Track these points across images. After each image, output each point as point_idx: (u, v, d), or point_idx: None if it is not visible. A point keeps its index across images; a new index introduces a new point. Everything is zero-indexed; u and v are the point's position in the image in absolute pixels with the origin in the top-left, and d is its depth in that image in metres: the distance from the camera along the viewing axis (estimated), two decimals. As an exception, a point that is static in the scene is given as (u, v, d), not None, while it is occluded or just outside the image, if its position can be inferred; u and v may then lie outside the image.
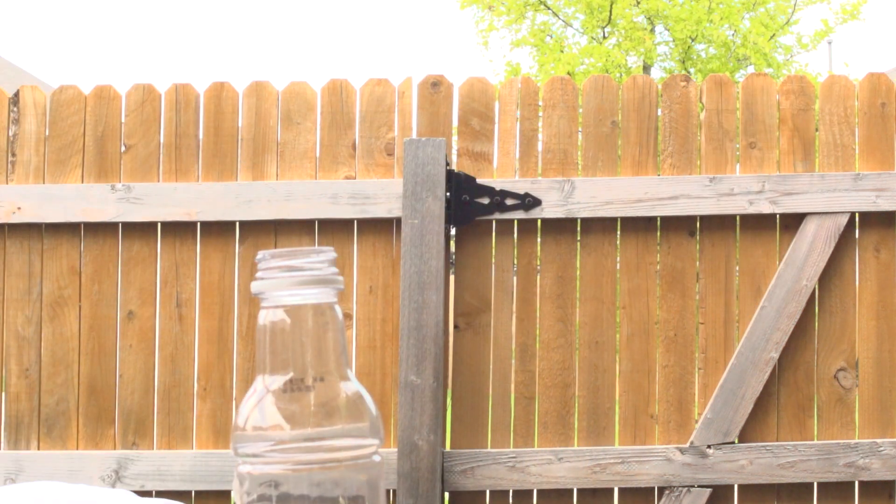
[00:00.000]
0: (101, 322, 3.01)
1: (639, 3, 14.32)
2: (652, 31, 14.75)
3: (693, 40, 14.47)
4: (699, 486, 2.90)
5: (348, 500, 0.78)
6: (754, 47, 13.92)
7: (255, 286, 0.80)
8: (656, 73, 15.04)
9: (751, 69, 14.15)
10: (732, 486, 2.92)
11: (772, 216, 2.96)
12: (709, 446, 2.89)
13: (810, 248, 2.91)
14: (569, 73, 13.89)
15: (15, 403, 3.02)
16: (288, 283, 0.79)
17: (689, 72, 14.48)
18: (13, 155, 3.04)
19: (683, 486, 2.89)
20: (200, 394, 3.00)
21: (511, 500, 2.96)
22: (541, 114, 3.01)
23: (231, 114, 3.04)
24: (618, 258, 3.00)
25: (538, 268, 2.99)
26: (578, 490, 2.94)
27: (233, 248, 3.02)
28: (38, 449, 3.00)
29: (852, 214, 2.94)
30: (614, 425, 2.97)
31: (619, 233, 2.98)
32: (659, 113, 3.02)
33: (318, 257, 0.80)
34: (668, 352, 2.96)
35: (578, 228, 2.99)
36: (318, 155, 3.03)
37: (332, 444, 0.77)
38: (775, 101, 3.00)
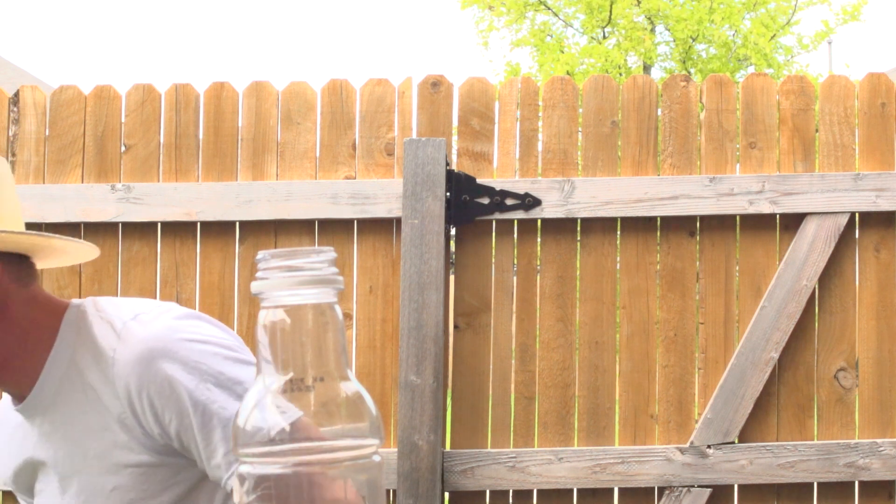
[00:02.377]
0: (101, 322, 3.01)
1: (639, 2, 14.32)
2: (652, 31, 14.75)
3: (694, 40, 14.48)
4: (699, 486, 2.90)
5: (348, 500, 0.78)
6: (755, 48, 13.92)
7: (254, 286, 0.80)
8: (656, 73, 15.05)
9: (751, 69, 14.15)
10: (732, 486, 2.92)
11: (772, 216, 2.96)
12: (709, 446, 2.89)
13: (810, 248, 2.91)
14: (568, 73, 13.89)
15: (15, 403, 3.02)
16: (288, 283, 0.79)
17: (689, 72, 14.47)
18: (13, 155, 3.04)
19: (683, 486, 2.89)
20: (200, 394, 3.00)
21: (511, 500, 2.96)
22: (541, 114, 3.01)
23: (231, 114, 3.04)
24: (618, 258, 3.00)
25: (538, 268, 2.99)
26: (578, 490, 2.94)
27: (233, 248, 3.02)
28: (38, 449, 3.00)
29: (852, 214, 2.94)
30: (614, 425, 2.97)
31: (619, 233, 2.98)
32: (659, 113, 3.02)
33: (318, 257, 0.80)
34: (668, 352, 2.96)
35: (578, 228, 3.00)
36: (318, 155, 3.03)
37: (332, 445, 0.77)
38: (775, 101, 3.00)
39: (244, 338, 2.99)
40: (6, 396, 1.52)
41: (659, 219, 2.98)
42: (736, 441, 2.91)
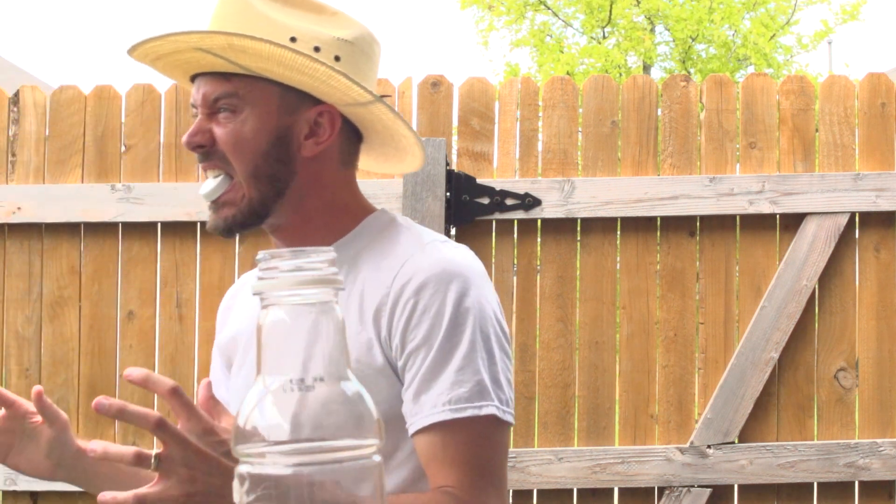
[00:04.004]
0: (101, 322, 3.01)
1: (639, 2, 14.33)
2: (652, 31, 14.75)
3: (693, 40, 14.48)
4: (699, 486, 2.90)
5: (348, 501, 0.78)
6: (755, 47, 13.93)
7: (255, 286, 0.80)
8: (656, 73, 15.04)
9: (751, 69, 14.15)
10: (732, 486, 2.92)
11: (772, 216, 2.96)
12: (709, 446, 2.89)
13: (810, 248, 2.91)
14: (568, 73, 13.89)
15: (15, 403, 3.02)
16: (288, 283, 0.79)
17: (689, 72, 14.48)
18: (13, 155, 3.04)
19: (683, 486, 2.89)
20: (200, 394, 2.99)
21: (511, 500, 2.96)
22: (541, 114, 3.01)
23: (231, 114, 3.03)
24: (618, 258, 3.00)
25: (538, 268, 2.99)
26: (578, 490, 2.94)
27: (233, 248, 3.02)
28: (38, 449, 2.99)
29: (852, 214, 2.94)
30: (614, 425, 2.97)
31: (619, 233, 2.99)
32: (659, 113, 3.02)
33: (318, 257, 0.81)
34: (668, 352, 2.96)
35: (578, 228, 3.00)
36: (318, 155, 3.02)
37: (332, 445, 0.77)
38: (775, 101, 3.00)
39: (244, 338, 3.00)
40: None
41: (659, 219, 2.98)
42: (736, 441, 2.91)
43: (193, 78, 1.40)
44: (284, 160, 1.37)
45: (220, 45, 1.31)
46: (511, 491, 2.95)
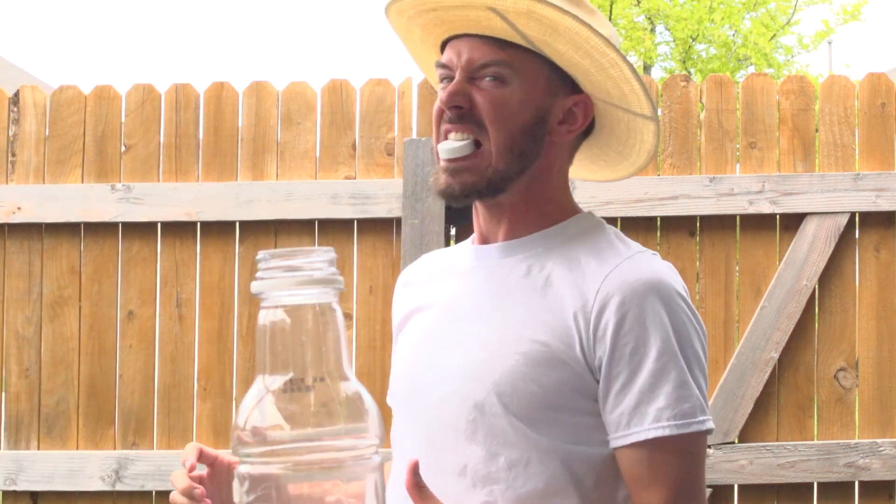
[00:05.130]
0: (101, 322, 3.01)
1: (639, 2, 14.32)
2: (652, 30, 14.75)
3: (694, 40, 14.48)
4: (699, 486, 2.89)
5: (348, 500, 0.78)
6: (755, 47, 13.92)
7: (255, 286, 0.80)
8: (656, 73, 15.04)
9: (751, 69, 14.15)
10: (732, 486, 2.92)
11: (772, 216, 2.96)
12: (709, 446, 2.89)
13: (810, 248, 2.91)
14: (569, 73, 13.86)
15: (15, 403, 3.02)
16: (288, 283, 0.79)
17: (689, 72, 14.47)
18: (13, 155, 3.04)
19: (683, 486, 2.89)
20: (200, 394, 3.00)
21: (511, 500, 2.96)
22: (541, 114, 3.01)
23: (231, 114, 3.04)
24: (618, 258, 2.99)
25: (538, 268, 2.99)
26: (578, 490, 2.94)
27: (233, 248, 3.02)
28: (38, 449, 3.00)
29: (852, 214, 2.94)
30: (614, 425, 2.97)
31: (619, 233, 2.98)
32: (659, 113, 3.02)
33: (318, 257, 0.81)
34: (668, 352, 2.96)
35: (578, 228, 2.99)
36: (318, 155, 3.03)
37: (332, 444, 0.78)
38: (775, 101, 3.00)
39: (244, 338, 3.00)
40: (449, 252, 1.54)
41: (659, 219, 2.98)
42: (736, 441, 2.91)
43: (444, 43, 1.36)
44: (537, 140, 1.35)
45: (518, 8, 1.26)
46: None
